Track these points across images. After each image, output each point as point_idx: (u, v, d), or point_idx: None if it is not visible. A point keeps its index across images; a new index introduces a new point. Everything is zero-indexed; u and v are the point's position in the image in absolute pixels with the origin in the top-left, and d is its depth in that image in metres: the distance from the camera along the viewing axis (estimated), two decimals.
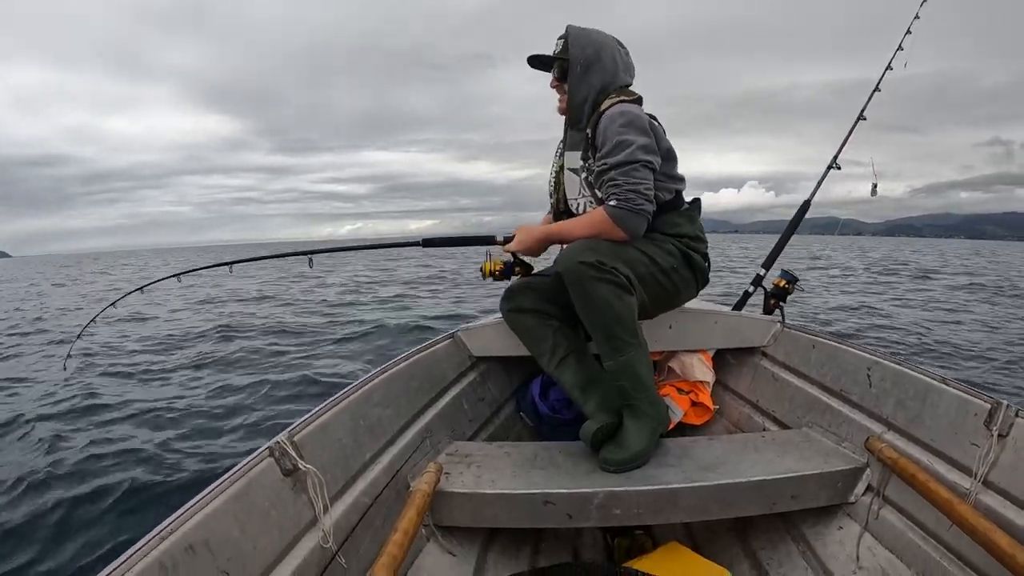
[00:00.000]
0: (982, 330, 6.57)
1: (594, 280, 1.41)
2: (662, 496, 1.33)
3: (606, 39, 1.64)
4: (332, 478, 1.14)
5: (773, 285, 2.04)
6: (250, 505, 0.94)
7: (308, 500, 1.05)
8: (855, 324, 6.84)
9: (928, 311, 8.07)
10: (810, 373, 1.73)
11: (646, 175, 1.51)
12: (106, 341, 6.39)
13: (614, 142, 1.50)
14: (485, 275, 1.82)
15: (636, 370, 1.49)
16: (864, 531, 1.35)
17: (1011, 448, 1.13)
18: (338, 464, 1.19)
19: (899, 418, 1.40)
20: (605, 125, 1.53)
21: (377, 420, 1.38)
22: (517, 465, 1.46)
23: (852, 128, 2.31)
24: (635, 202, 1.48)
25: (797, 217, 2.39)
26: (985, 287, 11.92)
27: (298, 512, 1.04)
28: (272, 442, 1.04)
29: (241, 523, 0.91)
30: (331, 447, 1.19)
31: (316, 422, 1.17)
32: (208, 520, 0.85)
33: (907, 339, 5.83)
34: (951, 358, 5.07)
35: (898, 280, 12.69)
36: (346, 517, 1.14)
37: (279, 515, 0.99)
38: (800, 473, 1.37)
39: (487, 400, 1.91)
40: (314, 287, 12.88)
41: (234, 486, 0.92)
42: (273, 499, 0.99)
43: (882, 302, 9.04)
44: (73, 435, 3.31)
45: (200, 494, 0.88)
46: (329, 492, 1.09)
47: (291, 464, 1.04)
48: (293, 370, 4.72)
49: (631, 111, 1.54)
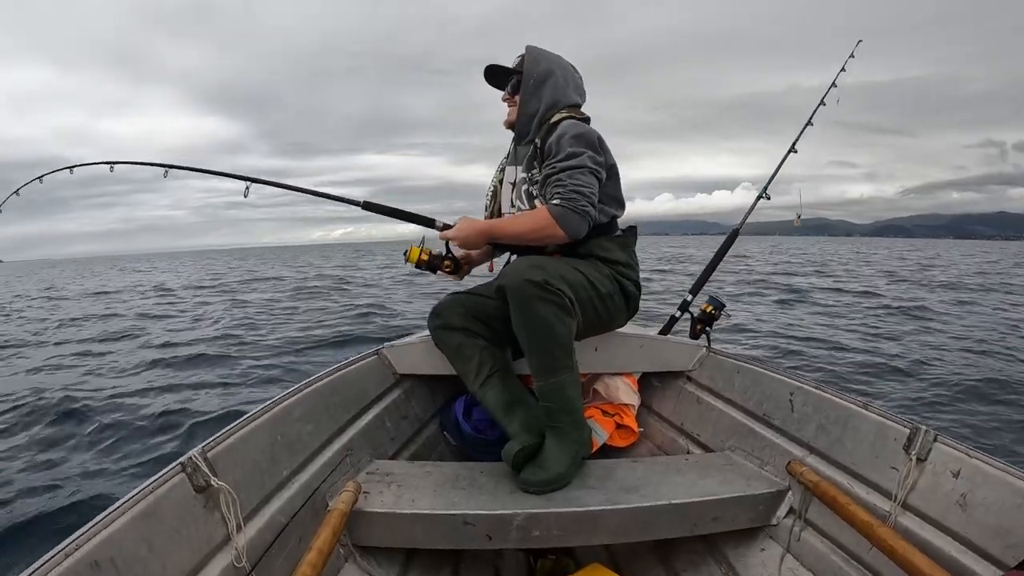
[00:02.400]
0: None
1: (538, 300, 1.39)
2: (583, 518, 1.30)
3: (562, 61, 1.71)
4: (247, 495, 1.11)
5: (700, 311, 2.07)
6: (160, 522, 0.92)
7: (221, 518, 1.03)
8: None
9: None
10: (734, 397, 1.75)
11: (591, 180, 1.54)
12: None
13: (566, 151, 1.53)
14: (410, 260, 1.70)
15: (566, 392, 1.47)
16: (786, 553, 1.36)
17: (929, 472, 1.15)
18: (253, 481, 1.16)
19: (820, 442, 1.42)
20: (558, 136, 1.57)
21: (296, 436, 1.34)
22: (438, 485, 1.42)
23: (781, 162, 2.40)
24: (578, 202, 1.49)
25: (724, 246, 2.44)
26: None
27: (210, 530, 1.01)
28: (184, 457, 1.01)
29: (149, 540, 0.89)
30: (246, 463, 1.16)
31: (231, 438, 1.13)
32: (115, 536, 0.83)
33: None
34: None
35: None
36: (261, 536, 1.11)
37: (190, 533, 0.97)
38: (722, 496, 1.37)
39: (410, 418, 1.86)
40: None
41: (143, 502, 0.90)
42: (184, 516, 0.97)
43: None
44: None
45: (107, 510, 0.86)
46: (243, 510, 1.06)
47: (203, 480, 1.01)
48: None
49: (583, 127, 1.60)
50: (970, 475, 1.09)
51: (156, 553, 0.89)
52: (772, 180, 2.40)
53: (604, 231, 1.66)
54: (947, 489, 1.11)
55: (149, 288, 16.40)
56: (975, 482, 1.07)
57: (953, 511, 1.09)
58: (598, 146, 1.59)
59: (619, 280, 1.64)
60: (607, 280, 1.60)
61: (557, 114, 1.65)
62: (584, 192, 1.51)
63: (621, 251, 1.67)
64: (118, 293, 15.30)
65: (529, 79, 1.66)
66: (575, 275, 1.51)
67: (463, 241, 1.63)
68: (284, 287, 14.74)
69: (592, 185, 1.54)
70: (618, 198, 1.69)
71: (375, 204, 1.78)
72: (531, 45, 1.70)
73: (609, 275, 1.62)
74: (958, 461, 1.12)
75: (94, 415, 3.62)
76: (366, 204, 1.78)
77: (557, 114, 1.65)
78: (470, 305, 1.70)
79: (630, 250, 1.71)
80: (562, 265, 1.50)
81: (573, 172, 1.52)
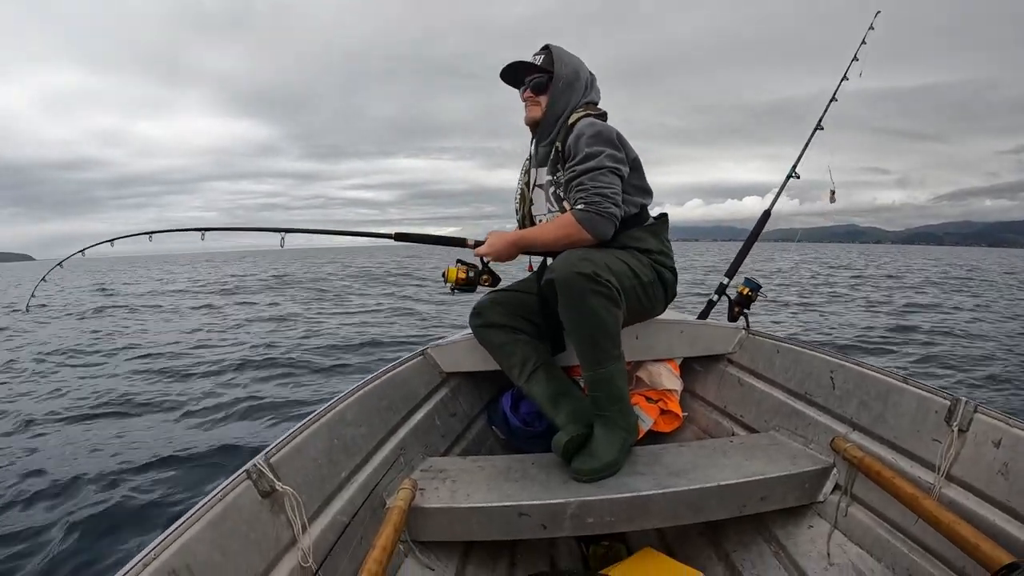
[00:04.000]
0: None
1: (589, 291, 1.42)
2: (634, 503, 1.33)
3: (581, 63, 1.72)
4: (309, 498, 1.15)
5: (737, 293, 2.08)
6: (230, 528, 0.95)
7: (286, 521, 1.06)
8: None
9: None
10: (775, 378, 1.77)
11: (613, 180, 1.55)
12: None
13: (584, 152, 1.54)
14: (449, 281, 1.75)
15: (615, 382, 1.51)
16: (834, 529, 1.38)
17: (971, 443, 1.17)
18: (314, 484, 1.20)
19: (863, 418, 1.44)
20: (575, 137, 1.58)
21: (351, 439, 1.39)
22: (491, 478, 1.46)
23: (809, 138, 2.38)
24: (601, 205, 1.51)
25: (757, 227, 2.44)
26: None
27: (277, 533, 1.05)
28: (249, 465, 1.05)
29: (221, 546, 0.91)
30: (307, 467, 1.19)
31: (291, 443, 1.18)
32: (189, 545, 0.86)
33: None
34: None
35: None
36: (324, 536, 1.15)
37: (258, 537, 1.00)
38: (768, 475, 1.40)
39: (459, 415, 1.91)
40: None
41: (213, 510, 0.93)
42: (252, 521, 1.00)
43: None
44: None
45: (180, 520, 0.89)
46: (307, 512, 1.10)
47: (268, 486, 1.04)
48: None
49: (599, 124, 1.60)
50: (1012, 444, 1.10)
51: (229, 557, 0.92)
52: (801, 157, 2.38)
53: (635, 222, 1.68)
54: (989, 459, 1.13)
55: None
56: (1017, 451, 1.09)
57: (996, 480, 1.11)
58: (617, 142, 1.59)
59: (656, 268, 1.66)
60: (647, 269, 1.62)
61: (574, 114, 1.66)
62: (606, 194, 1.52)
63: (654, 239, 1.68)
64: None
65: (559, 80, 1.67)
66: (620, 265, 1.54)
67: (496, 255, 1.68)
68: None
69: (614, 185, 1.55)
70: (644, 188, 1.70)
71: (406, 234, 1.82)
72: (554, 44, 1.70)
73: (648, 264, 1.64)
74: (999, 431, 1.13)
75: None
76: (398, 235, 1.81)
77: (574, 114, 1.66)
78: (510, 302, 1.74)
79: (663, 236, 1.72)
80: (608, 256, 1.53)
81: (594, 174, 1.53)
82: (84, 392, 4.64)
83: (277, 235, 1.87)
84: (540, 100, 1.70)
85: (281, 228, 1.88)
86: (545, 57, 1.69)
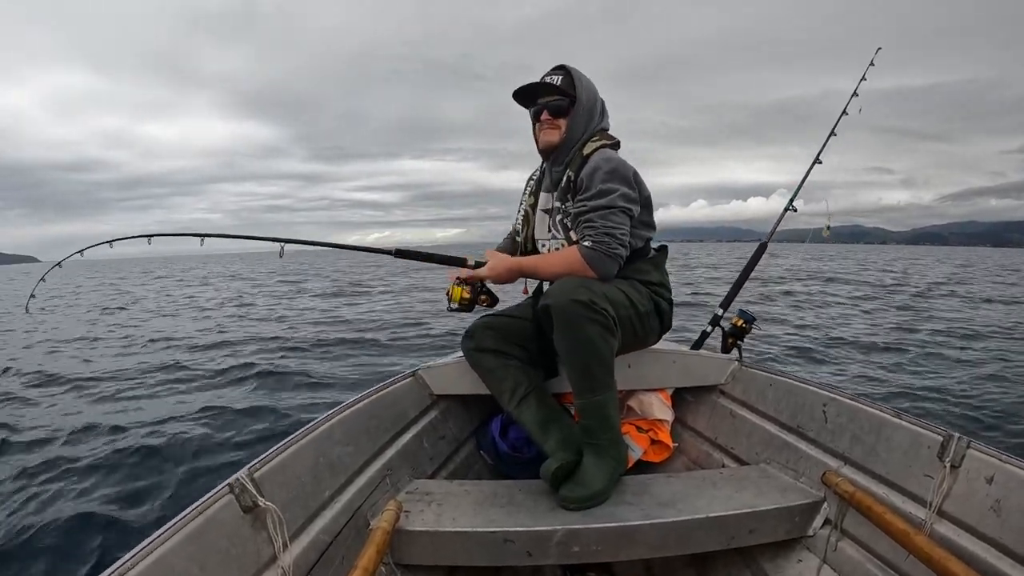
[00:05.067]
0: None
1: (585, 319, 1.42)
2: (621, 533, 1.32)
3: (595, 86, 1.69)
4: (292, 515, 1.14)
5: (731, 325, 2.08)
6: (209, 542, 0.94)
7: (268, 537, 1.05)
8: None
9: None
10: (767, 410, 1.76)
11: (623, 220, 1.55)
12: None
13: (597, 188, 1.53)
14: (454, 301, 1.76)
15: (606, 411, 1.50)
16: (823, 564, 1.36)
17: (963, 478, 1.16)
18: (298, 501, 1.19)
19: (855, 452, 1.43)
20: (591, 170, 1.56)
21: (338, 457, 1.38)
22: (477, 503, 1.45)
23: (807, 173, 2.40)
24: (609, 245, 1.51)
25: (753, 259, 2.45)
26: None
27: (258, 549, 1.03)
28: (232, 479, 1.04)
29: (200, 561, 0.91)
30: (291, 484, 1.19)
31: (276, 459, 1.17)
32: (166, 557, 0.85)
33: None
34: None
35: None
36: (305, 555, 1.14)
37: (238, 553, 0.99)
38: (758, 508, 1.38)
39: (447, 438, 1.89)
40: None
41: (193, 523, 0.92)
42: (232, 536, 0.99)
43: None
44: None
45: (158, 531, 0.88)
46: (289, 530, 1.09)
47: (251, 501, 1.03)
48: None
49: (616, 159, 1.58)
50: (1004, 480, 1.09)
51: (207, 572, 0.91)
52: (798, 191, 2.41)
53: (640, 255, 1.68)
54: (981, 495, 1.12)
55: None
56: (1009, 487, 1.08)
57: (988, 517, 1.09)
58: (632, 181, 1.57)
59: (654, 299, 1.66)
60: (645, 299, 1.62)
61: (590, 142, 1.63)
62: (615, 234, 1.52)
63: (656, 271, 1.70)
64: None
65: (580, 105, 1.63)
66: (617, 294, 1.54)
67: (496, 278, 1.68)
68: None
69: (623, 225, 1.54)
70: (650, 223, 1.70)
71: (407, 251, 1.82)
72: (571, 66, 1.65)
73: (647, 294, 1.64)
74: (991, 467, 1.12)
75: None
76: (398, 252, 1.81)
77: (590, 142, 1.63)
78: (502, 327, 1.74)
79: (662, 268, 1.73)
80: (606, 284, 1.53)
81: (605, 212, 1.52)
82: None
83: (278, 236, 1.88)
84: (559, 124, 1.64)
85: (280, 238, 1.89)
86: (564, 79, 1.63)
